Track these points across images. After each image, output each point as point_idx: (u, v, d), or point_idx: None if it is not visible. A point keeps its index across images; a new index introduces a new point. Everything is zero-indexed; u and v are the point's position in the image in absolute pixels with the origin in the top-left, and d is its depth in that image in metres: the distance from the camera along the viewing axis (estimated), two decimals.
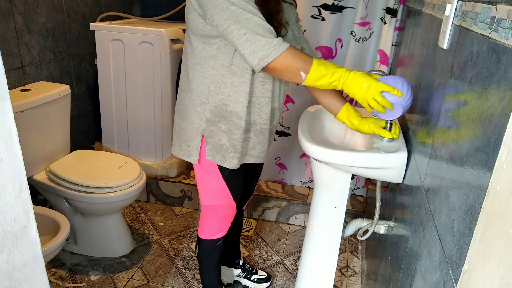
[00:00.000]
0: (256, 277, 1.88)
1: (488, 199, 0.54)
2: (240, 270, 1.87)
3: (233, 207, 1.45)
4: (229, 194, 1.40)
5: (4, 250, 0.55)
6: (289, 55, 1.08)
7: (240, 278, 1.88)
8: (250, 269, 1.88)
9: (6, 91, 0.51)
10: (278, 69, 1.10)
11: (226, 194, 1.40)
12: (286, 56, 1.08)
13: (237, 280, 1.88)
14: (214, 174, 1.34)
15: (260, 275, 1.89)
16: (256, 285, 1.87)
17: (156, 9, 2.69)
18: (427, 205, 0.88)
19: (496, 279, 0.49)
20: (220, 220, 1.48)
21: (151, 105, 2.31)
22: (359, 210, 2.25)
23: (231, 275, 1.87)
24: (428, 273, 0.78)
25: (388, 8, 1.93)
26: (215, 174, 1.34)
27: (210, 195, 1.42)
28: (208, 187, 1.39)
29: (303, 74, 1.09)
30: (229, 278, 1.87)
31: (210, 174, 1.35)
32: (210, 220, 1.48)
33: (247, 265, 1.89)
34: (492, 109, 0.58)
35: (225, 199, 1.41)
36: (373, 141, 1.27)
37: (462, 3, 0.82)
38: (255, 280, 1.87)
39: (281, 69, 1.09)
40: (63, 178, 1.82)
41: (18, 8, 1.86)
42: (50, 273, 1.88)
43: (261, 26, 1.07)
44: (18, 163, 0.55)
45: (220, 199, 1.41)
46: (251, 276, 1.87)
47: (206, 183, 1.39)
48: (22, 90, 1.84)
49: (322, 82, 1.09)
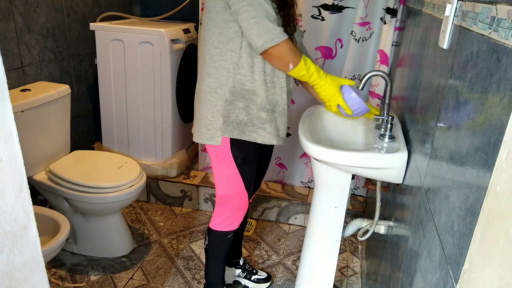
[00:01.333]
0: (256, 277, 1.88)
1: (488, 199, 0.54)
2: (240, 270, 1.87)
3: (245, 198, 1.48)
4: (241, 182, 1.43)
5: (4, 250, 0.55)
6: (287, 45, 1.22)
7: (240, 278, 1.88)
8: (250, 269, 1.88)
9: (6, 91, 0.51)
10: (274, 55, 1.23)
11: (239, 182, 1.43)
12: (285, 46, 1.22)
13: (237, 280, 1.88)
14: (228, 162, 1.41)
15: (260, 275, 1.89)
16: (256, 285, 1.87)
17: (156, 9, 2.69)
18: (427, 205, 0.88)
19: (496, 279, 0.49)
20: (233, 212, 1.50)
21: (151, 105, 2.31)
22: (359, 210, 2.25)
23: (231, 275, 1.87)
24: (428, 273, 0.78)
25: (388, 8, 1.93)
26: (229, 161, 1.40)
27: (224, 184, 1.46)
28: (222, 175, 1.44)
29: (291, 66, 1.25)
30: (229, 278, 1.87)
31: (224, 162, 1.41)
32: (224, 211, 1.50)
33: (247, 265, 1.89)
34: (492, 109, 0.58)
35: (238, 187, 1.45)
36: (374, 141, 1.27)
37: (462, 3, 0.82)
38: (255, 280, 1.87)
39: (276, 55, 1.23)
40: (63, 178, 1.82)
41: (18, 8, 1.86)
42: (50, 273, 1.88)
43: (269, 13, 1.19)
44: (18, 163, 0.55)
45: (232, 187, 1.45)
46: (251, 276, 1.87)
47: (221, 171, 1.44)
48: (22, 90, 1.84)
49: (302, 77, 1.29)
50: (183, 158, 2.48)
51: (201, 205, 2.45)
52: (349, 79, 1.39)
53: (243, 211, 1.53)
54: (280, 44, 1.20)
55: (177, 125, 2.41)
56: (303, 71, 1.26)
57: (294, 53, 1.24)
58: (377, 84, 2.08)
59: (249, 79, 1.31)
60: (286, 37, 1.21)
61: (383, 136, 1.26)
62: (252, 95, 1.33)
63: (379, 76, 1.30)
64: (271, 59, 1.26)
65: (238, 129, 1.36)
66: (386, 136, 1.26)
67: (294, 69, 1.26)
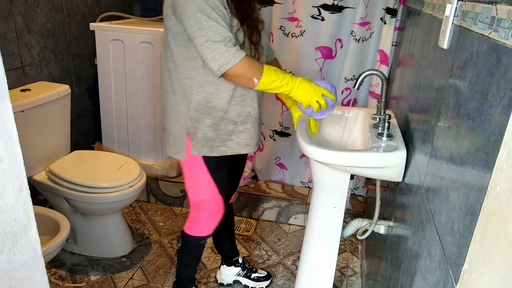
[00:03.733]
0: (256, 275, 1.88)
1: (488, 199, 0.54)
2: (239, 269, 1.86)
3: (219, 202, 1.47)
4: (214, 187, 1.43)
5: (4, 250, 0.55)
6: (246, 63, 1.19)
7: (240, 277, 1.87)
8: (250, 267, 1.88)
9: (6, 91, 0.51)
10: (235, 76, 1.20)
11: (212, 187, 1.43)
12: (243, 64, 1.18)
13: (237, 279, 1.88)
14: (200, 168, 1.40)
15: (260, 273, 1.89)
16: (256, 283, 1.87)
17: (156, 9, 2.69)
18: (427, 205, 0.88)
19: (496, 279, 0.50)
20: (208, 217, 1.50)
21: (151, 105, 2.31)
22: (359, 210, 2.25)
23: (231, 274, 1.87)
24: (428, 273, 0.78)
25: (388, 8, 1.93)
26: (201, 167, 1.39)
27: (197, 190, 1.45)
28: (195, 181, 1.44)
29: (255, 80, 1.21)
30: (229, 278, 1.87)
31: (196, 168, 1.40)
32: (198, 216, 1.50)
33: (246, 264, 1.88)
34: (492, 109, 0.58)
35: (211, 192, 1.44)
36: (371, 141, 1.27)
37: (462, 3, 0.82)
38: (255, 279, 1.87)
39: (237, 75, 1.20)
40: (63, 178, 1.82)
41: (18, 8, 1.86)
42: (50, 273, 1.88)
43: (222, 34, 1.16)
44: (18, 163, 0.55)
45: (206, 193, 1.44)
46: (251, 274, 1.87)
47: (193, 178, 1.43)
48: (22, 90, 1.84)
49: (273, 86, 1.22)
50: None
51: None
52: None
53: (219, 216, 1.51)
54: (237, 65, 1.17)
55: None
56: (271, 76, 1.21)
57: (255, 67, 1.20)
58: (377, 84, 2.08)
59: (215, 96, 1.29)
60: (243, 55, 1.17)
61: (380, 135, 1.26)
62: (218, 112, 1.31)
63: (374, 75, 1.30)
64: (232, 80, 1.23)
65: (207, 147, 1.35)
66: (384, 135, 1.26)
67: (261, 81, 1.20)
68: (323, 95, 1.25)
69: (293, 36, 2.11)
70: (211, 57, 1.16)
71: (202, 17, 1.14)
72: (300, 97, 1.24)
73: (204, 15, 1.14)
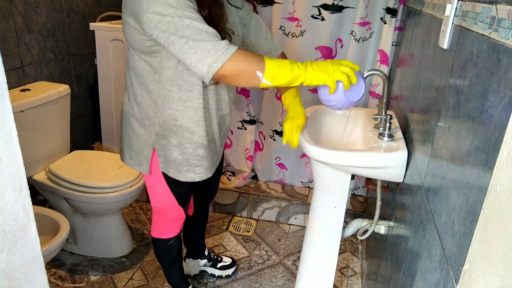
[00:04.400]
0: (221, 265, 1.92)
1: (489, 199, 0.54)
2: (205, 260, 1.91)
3: (180, 212, 1.45)
4: (174, 200, 1.37)
5: (3, 250, 0.55)
6: (240, 56, 0.98)
7: (207, 267, 1.92)
8: (215, 258, 1.93)
9: (6, 91, 0.51)
10: (232, 74, 0.99)
11: (171, 200, 1.37)
12: (238, 58, 0.98)
13: (204, 269, 1.93)
14: (159, 180, 1.29)
15: (225, 262, 1.94)
16: (222, 271, 1.92)
17: None
18: (427, 205, 0.88)
19: (496, 279, 0.49)
20: (168, 222, 1.49)
21: None
22: (359, 210, 2.25)
23: (197, 265, 1.91)
24: (428, 273, 0.78)
25: (388, 8, 1.93)
26: (160, 180, 1.29)
27: (156, 198, 1.41)
28: (154, 191, 1.37)
29: (259, 74, 1.00)
30: (195, 269, 1.92)
31: (155, 179, 1.30)
32: (158, 221, 1.50)
33: (212, 254, 1.93)
34: (492, 109, 0.58)
35: (171, 204, 1.39)
36: (372, 141, 1.27)
37: (462, 3, 0.82)
38: (221, 267, 1.92)
39: (235, 73, 0.98)
40: (63, 178, 1.82)
41: (18, 8, 1.86)
42: (50, 273, 1.88)
43: (202, 30, 0.97)
44: (18, 163, 0.55)
45: (166, 203, 1.40)
46: (217, 264, 1.92)
47: (152, 187, 1.36)
48: (22, 90, 1.84)
49: (282, 78, 1.01)
50: None
51: None
52: None
53: (179, 222, 1.50)
54: (230, 60, 0.97)
55: None
56: (275, 67, 0.99)
57: (253, 59, 1.00)
58: (377, 84, 2.08)
59: (182, 114, 1.14)
60: (235, 48, 0.98)
61: (382, 135, 1.26)
62: (186, 132, 1.17)
63: (376, 75, 1.30)
64: (232, 80, 1.02)
65: (173, 168, 1.24)
66: (385, 135, 1.26)
67: (265, 74, 0.99)
68: None
69: (293, 36, 2.11)
70: (196, 58, 0.97)
71: (173, 19, 0.96)
72: (321, 77, 1.01)
73: (175, 16, 0.96)
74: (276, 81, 1.01)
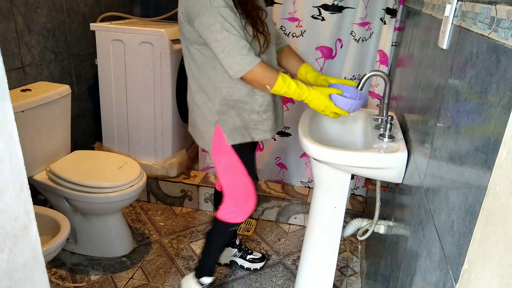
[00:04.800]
0: (251, 257, 1.96)
1: (488, 199, 0.54)
2: (236, 250, 1.95)
3: (251, 185, 1.53)
4: (244, 169, 1.50)
5: (4, 250, 0.56)
6: (259, 70, 1.29)
7: (236, 257, 1.95)
8: (246, 249, 1.97)
9: (6, 91, 0.51)
10: (249, 80, 1.32)
11: (242, 170, 1.50)
12: (256, 71, 1.29)
13: (233, 260, 1.95)
14: (228, 153, 1.49)
15: (255, 255, 1.97)
16: (251, 264, 1.95)
17: (157, 9, 2.70)
18: (426, 205, 0.88)
19: (495, 278, 0.50)
20: (241, 203, 1.55)
21: (151, 105, 2.31)
22: (359, 210, 2.25)
23: (227, 255, 1.94)
24: (428, 272, 0.78)
25: (388, 8, 1.93)
26: (229, 152, 1.49)
27: (228, 175, 1.53)
28: (226, 166, 1.52)
29: (268, 87, 1.32)
30: (226, 258, 1.94)
31: (222, 152, 1.49)
32: (231, 203, 1.55)
33: (243, 246, 1.96)
34: (491, 109, 0.58)
35: (242, 175, 1.51)
36: (373, 141, 1.27)
37: (462, 3, 0.82)
38: (251, 260, 1.95)
39: (251, 80, 1.32)
40: (64, 178, 1.82)
41: (18, 8, 1.86)
42: (51, 273, 1.88)
43: (235, 44, 1.26)
44: (18, 163, 0.55)
45: (237, 177, 1.51)
46: (247, 255, 1.95)
47: (223, 164, 1.52)
48: (22, 90, 1.84)
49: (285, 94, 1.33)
50: (183, 158, 2.48)
51: (201, 205, 2.45)
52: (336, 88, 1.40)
53: (251, 202, 1.56)
54: (250, 72, 1.28)
55: (177, 125, 2.41)
56: (283, 88, 1.31)
57: (269, 75, 1.30)
58: (377, 85, 2.08)
59: (235, 90, 1.40)
60: (256, 62, 1.27)
61: (382, 136, 1.27)
62: (240, 103, 1.42)
63: (378, 76, 1.30)
64: (248, 83, 1.35)
65: (240, 134, 1.46)
66: (385, 136, 1.26)
67: (273, 89, 1.31)
68: None
69: (294, 36, 2.11)
70: (227, 65, 1.28)
71: (216, 28, 1.24)
72: (314, 109, 1.34)
73: (218, 26, 1.24)
74: (281, 93, 1.34)
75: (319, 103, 1.31)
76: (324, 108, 1.32)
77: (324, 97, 1.31)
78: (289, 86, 1.31)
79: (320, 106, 1.32)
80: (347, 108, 1.31)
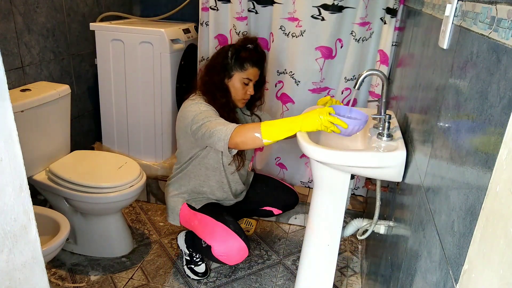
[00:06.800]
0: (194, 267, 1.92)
1: (488, 199, 0.54)
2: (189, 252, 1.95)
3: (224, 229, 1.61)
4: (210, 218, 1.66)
5: (4, 250, 0.55)
6: (239, 129, 1.39)
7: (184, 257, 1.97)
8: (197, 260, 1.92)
9: (6, 91, 0.51)
10: (239, 142, 1.39)
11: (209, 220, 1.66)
12: (238, 131, 1.39)
13: None
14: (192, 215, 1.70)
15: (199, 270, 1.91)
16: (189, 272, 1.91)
17: (156, 9, 2.69)
18: (427, 205, 0.88)
19: (496, 279, 0.49)
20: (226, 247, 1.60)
21: (151, 105, 2.31)
22: (359, 210, 2.25)
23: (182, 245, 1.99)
24: (428, 273, 0.78)
25: (388, 8, 1.93)
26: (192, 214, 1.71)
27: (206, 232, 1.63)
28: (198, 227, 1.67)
29: (258, 135, 1.34)
30: None
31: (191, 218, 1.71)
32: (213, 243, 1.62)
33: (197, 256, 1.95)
34: (492, 109, 0.58)
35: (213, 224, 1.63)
36: (372, 141, 1.27)
37: (462, 3, 0.82)
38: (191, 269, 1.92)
39: (241, 141, 1.38)
40: (63, 178, 1.82)
41: (18, 8, 1.86)
42: (50, 273, 1.88)
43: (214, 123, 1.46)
44: (18, 163, 0.55)
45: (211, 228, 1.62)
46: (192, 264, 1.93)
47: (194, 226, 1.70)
48: (22, 90, 1.84)
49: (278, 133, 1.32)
50: None
51: None
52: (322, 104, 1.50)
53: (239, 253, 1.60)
54: (232, 135, 1.38)
55: None
56: (268, 128, 1.33)
57: (249, 128, 1.37)
58: (377, 84, 2.08)
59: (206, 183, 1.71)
60: (233, 127, 1.40)
61: (381, 135, 1.26)
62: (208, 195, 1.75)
63: (375, 75, 1.30)
64: (242, 146, 1.41)
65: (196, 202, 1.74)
66: (384, 135, 1.26)
67: (263, 133, 1.33)
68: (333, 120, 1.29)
69: (293, 36, 2.11)
70: (215, 142, 1.42)
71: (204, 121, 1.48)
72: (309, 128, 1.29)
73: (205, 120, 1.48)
74: (274, 137, 1.34)
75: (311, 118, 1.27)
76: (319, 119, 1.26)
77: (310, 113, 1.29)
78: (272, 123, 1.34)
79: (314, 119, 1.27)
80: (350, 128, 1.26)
